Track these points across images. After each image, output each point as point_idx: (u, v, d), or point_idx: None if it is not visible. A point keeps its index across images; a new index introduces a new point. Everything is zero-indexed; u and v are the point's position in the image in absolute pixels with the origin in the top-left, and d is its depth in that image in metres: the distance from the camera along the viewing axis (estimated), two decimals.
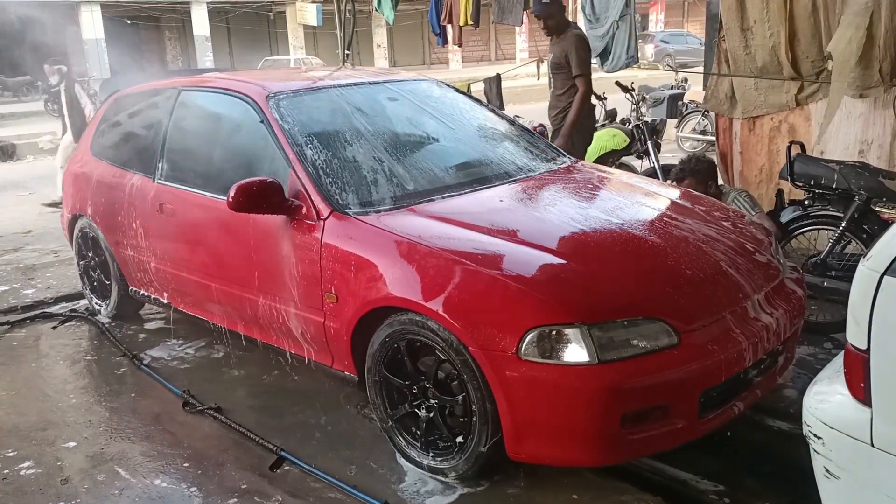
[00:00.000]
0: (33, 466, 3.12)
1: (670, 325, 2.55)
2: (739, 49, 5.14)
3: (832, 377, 2.07)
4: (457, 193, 3.30)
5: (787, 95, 5.04)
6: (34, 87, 23.88)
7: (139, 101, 4.53)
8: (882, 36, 4.35)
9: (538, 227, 3.06)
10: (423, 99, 4.11)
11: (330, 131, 3.62)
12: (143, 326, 4.61)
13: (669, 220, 3.23)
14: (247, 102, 3.62)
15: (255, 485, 2.90)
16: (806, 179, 3.98)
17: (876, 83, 4.47)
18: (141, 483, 2.95)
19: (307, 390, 3.64)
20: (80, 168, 4.79)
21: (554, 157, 3.96)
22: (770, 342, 2.77)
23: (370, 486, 2.82)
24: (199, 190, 3.78)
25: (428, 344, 2.75)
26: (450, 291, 2.68)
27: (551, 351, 2.48)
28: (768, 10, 4.93)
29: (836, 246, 3.91)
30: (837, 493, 1.99)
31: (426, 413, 2.86)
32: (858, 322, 1.86)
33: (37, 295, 5.29)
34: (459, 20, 8.29)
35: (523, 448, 2.60)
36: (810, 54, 4.86)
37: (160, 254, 4.05)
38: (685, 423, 2.56)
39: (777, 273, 3.07)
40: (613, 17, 6.83)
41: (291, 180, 3.25)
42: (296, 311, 3.26)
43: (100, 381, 3.94)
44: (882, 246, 1.87)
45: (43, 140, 13.93)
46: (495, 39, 35.61)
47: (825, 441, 1.96)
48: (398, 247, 2.90)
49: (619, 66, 6.93)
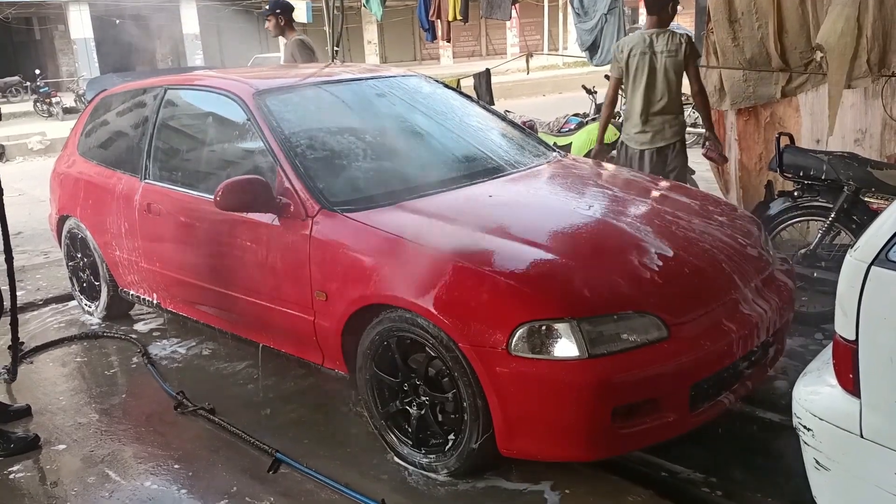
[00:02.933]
0: (23, 470, 3.10)
1: (660, 318, 2.55)
2: (728, 41, 5.13)
3: (821, 368, 2.07)
4: (446, 189, 3.29)
5: (776, 87, 5.04)
6: (23, 88, 23.78)
7: (125, 101, 4.50)
8: (870, 26, 4.35)
9: (527, 222, 3.05)
10: (411, 95, 4.10)
11: (318, 128, 3.61)
12: (133, 327, 4.59)
13: (659, 212, 3.23)
14: (233, 100, 3.60)
15: (246, 486, 2.88)
16: (795, 170, 3.99)
17: (864, 74, 4.47)
18: (131, 485, 2.94)
19: (298, 389, 3.63)
20: (67, 168, 4.76)
21: (543, 152, 3.95)
22: (760, 334, 2.78)
23: (362, 484, 2.81)
24: (186, 189, 3.77)
25: (418, 341, 2.74)
26: (439, 288, 2.67)
27: (541, 346, 2.47)
28: (756, 2, 4.92)
29: (825, 237, 3.91)
30: (828, 485, 1.99)
31: (417, 410, 2.85)
32: (846, 313, 1.86)
33: (26, 297, 5.25)
34: (448, 15, 8.26)
35: (515, 444, 2.59)
36: (798, 45, 4.86)
37: (149, 254, 4.03)
38: (676, 417, 2.56)
39: (767, 265, 3.07)
40: (602, 11, 6.83)
41: (279, 178, 3.23)
42: (285, 310, 3.24)
43: (90, 382, 3.92)
44: (869, 236, 1.87)
45: (32, 141, 13.85)
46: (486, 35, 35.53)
47: (815, 432, 1.97)
48: (387, 244, 2.89)
49: (608, 59, 6.90)
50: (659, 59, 4.44)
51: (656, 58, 4.44)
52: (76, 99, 19.32)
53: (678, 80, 4.50)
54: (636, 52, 4.46)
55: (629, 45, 4.52)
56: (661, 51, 4.44)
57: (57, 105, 19.33)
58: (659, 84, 4.46)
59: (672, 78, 4.45)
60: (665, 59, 4.43)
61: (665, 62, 4.43)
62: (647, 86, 4.45)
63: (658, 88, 4.46)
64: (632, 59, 4.48)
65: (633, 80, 4.51)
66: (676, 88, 4.52)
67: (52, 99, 19.58)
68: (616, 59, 4.61)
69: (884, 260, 1.78)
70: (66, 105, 19.30)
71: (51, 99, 19.59)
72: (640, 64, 4.45)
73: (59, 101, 19.48)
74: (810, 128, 4.96)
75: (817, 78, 4.80)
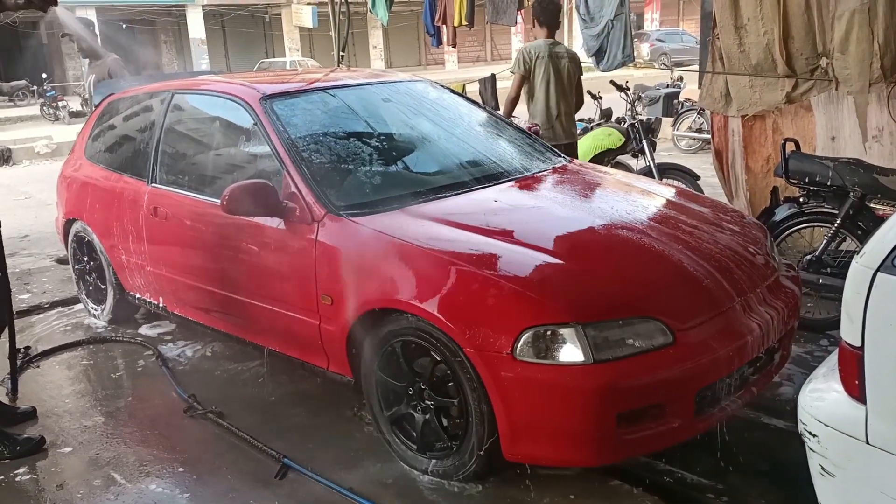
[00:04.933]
0: (28, 472, 3.11)
1: (665, 324, 2.55)
2: (734, 47, 5.14)
3: (827, 374, 2.07)
4: (452, 194, 3.30)
5: (782, 93, 5.04)
6: (30, 92, 23.89)
7: (132, 105, 4.52)
8: (882, 32, 4.35)
9: (533, 227, 3.06)
10: (417, 100, 4.11)
11: (324, 133, 3.62)
12: (139, 330, 4.60)
13: (664, 218, 3.23)
14: (240, 105, 3.62)
15: (250, 489, 2.88)
16: (800, 177, 3.98)
17: (877, 79, 4.47)
18: (136, 488, 2.94)
19: (303, 392, 3.63)
20: (74, 172, 4.78)
21: (549, 157, 3.96)
22: (766, 340, 2.77)
23: (367, 489, 2.81)
24: (192, 193, 3.78)
25: (423, 345, 2.74)
26: (444, 293, 2.68)
27: (546, 351, 2.47)
28: (762, 8, 4.92)
29: (831, 243, 3.91)
30: (833, 491, 1.99)
31: (422, 415, 2.86)
32: (852, 319, 1.86)
33: (32, 300, 5.28)
34: (454, 21, 8.30)
35: (519, 449, 2.59)
36: (804, 52, 4.86)
37: (155, 258, 4.04)
38: (681, 422, 2.56)
39: (772, 271, 3.07)
40: (608, 17, 6.83)
41: (285, 182, 3.24)
42: (291, 314, 3.25)
43: (96, 385, 3.93)
44: (875, 242, 1.86)
45: (39, 145, 13.91)
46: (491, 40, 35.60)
47: (820, 439, 1.96)
48: (392, 248, 2.90)
49: (614, 65, 6.93)
50: (562, 63, 5.15)
51: (560, 62, 5.14)
52: (83, 103, 19.35)
53: (573, 84, 5.27)
54: (543, 56, 5.10)
55: (536, 51, 5.13)
56: (561, 57, 5.16)
57: (63, 109, 19.43)
58: (566, 87, 5.18)
59: (572, 81, 5.23)
60: (567, 65, 5.17)
61: (567, 68, 5.18)
62: (558, 89, 5.13)
63: (566, 91, 5.18)
64: (537, 65, 5.12)
65: (540, 82, 5.13)
66: (575, 91, 5.31)
67: (59, 103, 19.70)
68: (525, 61, 5.15)
69: (890, 266, 1.78)
70: (72, 109, 19.38)
71: (57, 103, 19.70)
72: (547, 67, 5.10)
73: (66, 105, 19.58)
74: (825, 125, 4.92)
75: (823, 84, 4.79)
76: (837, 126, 4.84)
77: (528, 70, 5.12)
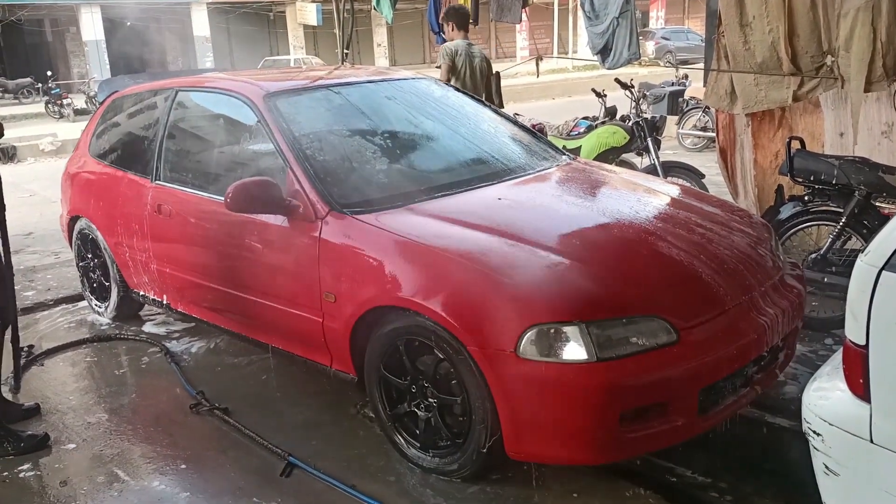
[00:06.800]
0: (32, 468, 3.12)
1: (669, 322, 2.54)
2: (739, 45, 5.12)
3: (831, 373, 2.06)
4: (455, 192, 3.29)
5: (788, 91, 5.02)
6: (35, 89, 23.95)
7: (137, 102, 4.53)
8: (884, 30, 4.33)
9: (537, 225, 3.05)
10: (421, 97, 4.11)
11: (327, 130, 3.62)
12: (143, 327, 4.61)
13: (669, 216, 3.22)
14: (244, 102, 3.61)
15: (253, 486, 2.89)
16: (806, 175, 3.97)
17: (880, 78, 4.45)
18: (139, 485, 2.95)
19: (306, 390, 3.64)
20: (78, 169, 4.78)
21: (553, 155, 3.95)
22: (770, 339, 2.76)
23: (370, 487, 2.81)
24: (196, 191, 3.78)
25: (426, 343, 2.74)
26: (448, 290, 2.68)
27: (550, 349, 2.47)
28: (767, 6, 4.90)
29: (836, 241, 3.89)
30: (837, 490, 1.98)
31: (425, 412, 2.86)
32: (857, 318, 1.86)
33: (37, 297, 5.29)
34: None
35: (523, 447, 2.59)
36: (810, 49, 4.84)
37: (159, 255, 4.04)
38: (685, 421, 2.55)
39: (777, 269, 3.06)
40: (613, 14, 6.80)
41: (289, 180, 3.24)
42: (294, 311, 3.25)
43: (100, 382, 3.94)
44: (880, 241, 1.86)
45: (44, 142, 13.94)
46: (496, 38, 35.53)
47: (824, 437, 1.96)
48: (396, 246, 2.89)
49: (620, 62, 6.89)
50: (475, 61, 5.84)
51: (474, 60, 5.84)
52: (87, 100, 19.45)
53: (484, 80, 5.96)
54: (462, 53, 5.78)
55: (457, 48, 5.80)
56: (476, 56, 5.87)
57: (68, 106, 19.47)
58: (478, 82, 5.87)
59: (484, 77, 5.93)
60: (479, 63, 5.88)
61: (480, 65, 5.87)
62: (472, 83, 5.77)
63: (478, 86, 5.84)
64: (458, 59, 5.77)
65: (461, 77, 5.77)
66: (485, 88, 5.97)
67: (64, 100, 19.72)
68: (450, 55, 5.78)
69: (894, 265, 1.77)
70: (77, 106, 19.44)
71: (62, 100, 19.73)
72: (466, 64, 5.80)
73: (71, 103, 19.62)
74: (833, 121, 4.90)
75: (829, 82, 4.78)
76: (846, 122, 4.82)
77: (453, 61, 5.76)
